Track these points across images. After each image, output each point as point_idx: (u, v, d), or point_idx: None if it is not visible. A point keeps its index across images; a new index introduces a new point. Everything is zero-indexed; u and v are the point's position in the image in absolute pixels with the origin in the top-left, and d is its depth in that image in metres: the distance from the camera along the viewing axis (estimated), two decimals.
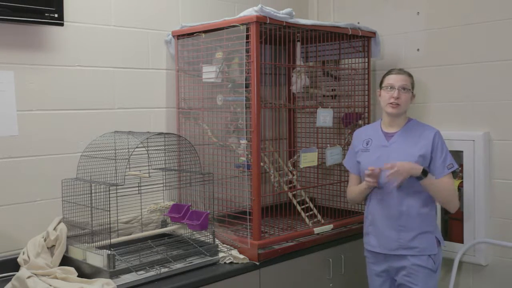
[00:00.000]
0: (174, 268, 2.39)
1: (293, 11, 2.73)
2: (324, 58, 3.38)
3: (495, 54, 3.01)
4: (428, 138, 2.55)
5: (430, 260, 2.55)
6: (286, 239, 2.78)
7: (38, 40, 2.56)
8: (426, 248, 2.55)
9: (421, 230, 2.55)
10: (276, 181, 3.08)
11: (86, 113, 2.74)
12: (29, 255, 2.32)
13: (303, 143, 3.47)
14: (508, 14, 2.96)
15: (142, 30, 2.96)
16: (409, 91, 2.59)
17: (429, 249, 2.55)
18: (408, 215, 2.56)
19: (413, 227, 2.55)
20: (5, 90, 2.45)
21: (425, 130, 2.59)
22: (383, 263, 2.65)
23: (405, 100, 2.58)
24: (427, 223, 2.56)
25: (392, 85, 2.57)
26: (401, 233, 2.56)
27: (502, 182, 3.04)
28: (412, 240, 2.55)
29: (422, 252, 2.54)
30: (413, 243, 2.55)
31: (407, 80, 2.60)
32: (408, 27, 3.38)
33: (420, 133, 2.58)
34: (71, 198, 2.47)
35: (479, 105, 3.09)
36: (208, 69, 2.85)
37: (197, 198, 2.76)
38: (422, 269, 2.54)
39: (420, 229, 2.55)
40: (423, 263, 2.54)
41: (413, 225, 2.55)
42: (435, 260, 2.57)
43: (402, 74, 2.61)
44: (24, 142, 2.52)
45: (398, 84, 2.57)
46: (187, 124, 3.07)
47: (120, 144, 2.51)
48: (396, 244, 2.58)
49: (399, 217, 2.57)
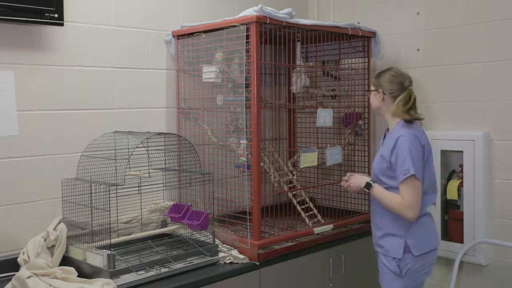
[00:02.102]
0: (174, 268, 2.39)
1: (293, 11, 2.73)
2: (324, 58, 3.38)
3: (495, 54, 3.01)
4: (393, 139, 2.53)
5: (393, 263, 2.55)
6: (286, 239, 2.78)
7: (38, 40, 2.56)
8: (389, 250, 2.56)
9: (388, 232, 2.58)
10: (276, 181, 3.08)
11: (86, 113, 2.74)
12: (29, 255, 2.32)
13: (303, 143, 3.47)
14: (508, 14, 2.96)
15: (142, 30, 2.96)
16: (372, 91, 2.69)
17: (393, 252, 2.54)
18: (380, 214, 2.63)
19: (382, 226, 2.61)
20: (5, 90, 2.45)
21: (397, 132, 2.54)
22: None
23: (371, 100, 2.71)
24: (396, 226, 2.54)
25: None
26: (375, 231, 2.68)
27: (502, 182, 3.04)
28: (380, 239, 2.62)
29: (387, 253, 2.58)
30: (381, 242, 2.62)
31: (371, 81, 2.73)
32: (408, 27, 3.38)
33: (393, 135, 2.56)
34: (71, 198, 2.47)
35: (479, 105, 3.09)
36: (208, 69, 2.85)
37: (197, 198, 2.76)
38: (387, 270, 2.58)
39: (387, 231, 2.58)
40: (388, 265, 2.58)
41: (381, 225, 2.61)
42: (400, 266, 2.53)
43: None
44: (24, 142, 2.52)
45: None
46: (187, 124, 3.07)
47: (120, 144, 2.51)
48: (374, 239, 2.70)
49: (373, 215, 2.70)
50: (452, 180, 3.25)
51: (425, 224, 2.57)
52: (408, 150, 2.46)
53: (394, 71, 2.65)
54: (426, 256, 2.55)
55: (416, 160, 2.46)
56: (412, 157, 2.45)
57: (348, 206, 3.28)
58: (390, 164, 2.52)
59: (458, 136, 3.12)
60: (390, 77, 2.61)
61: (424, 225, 2.56)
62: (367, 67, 3.27)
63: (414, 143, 2.48)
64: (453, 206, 3.24)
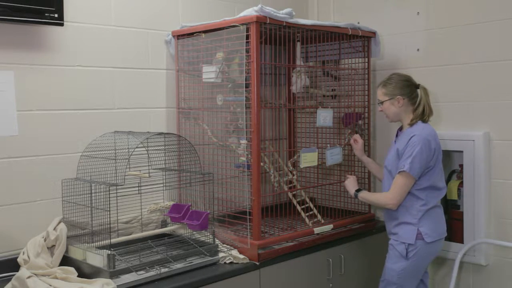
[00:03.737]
0: (174, 268, 2.39)
1: (293, 11, 2.73)
2: (324, 58, 3.38)
3: (495, 54, 3.01)
4: (408, 136, 2.71)
5: (402, 246, 2.72)
6: (286, 239, 2.78)
7: (38, 40, 2.56)
8: (402, 236, 2.73)
9: (403, 220, 2.74)
10: (276, 181, 3.08)
11: (86, 113, 2.74)
12: (29, 255, 2.32)
13: (303, 143, 3.47)
14: (508, 14, 2.96)
15: (142, 30, 2.96)
16: (386, 101, 2.78)
17: (406, 238, 2.72)
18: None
19: (397, 216, 2.76)
20: (5, 90, 2.45)
21: (414, 131, 2.72)
22: None
23: (387, 109, 2.80)
24: (409, 215, 2.72)
25: (378, 100, 2.85)
26: (389, 221, 2.83)
27: (502, 182, 3.04)
28: (395, 227, 2.79)
29: (398, 239, 2.75)
30: (395, 230, 2.78)
31: (380, 92, 2.81)
32: (408, 27, 3.38)
33: (409, 133, 2.74)
34: (71, 198, 2.47)
35: (479, 105, 3.09)
36: (208, 69, 2.85)
37: (197, 198, 2.76)
38: (395, 250, 2.76)
39: (403, 219, 2.74)
40: (396, 247, 2.75)
41: (395, 215, 2.77)
42: (408, 249, 2.70)
43: (378, 89, 2.84)
44: (24, 142, 2.52)
45: (378, 99, 2.84)
46: (187, 124, 3.07)
47: (120, 144, 2.51)
48: (388, 228, 2.87)
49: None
50: (452, 180, 3.26)
51: (437, 215, 2.77)
52: (416, 151, 2.64)
53: (398, 75, 2.82)
54: (435, 244, 2.74)
55: (418, 162, 2.64)
56: (414, 158, 2.64)
57: (348, 206, 3.28)
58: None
59: (458, 136, 3.12)
60: (401, 82, 2.77)
61: (436, 215, 2.76)
62: (367, 67, 3.27)
63: (424, 147, 2.66)
64: (453, 206, 3.25)
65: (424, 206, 2.70)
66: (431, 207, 2.72)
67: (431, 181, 2.71)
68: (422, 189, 2.70)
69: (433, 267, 3.30)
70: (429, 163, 2.68)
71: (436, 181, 2.74)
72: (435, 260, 3.22)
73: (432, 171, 2.70)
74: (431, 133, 2.71)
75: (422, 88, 2.78)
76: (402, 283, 2.72)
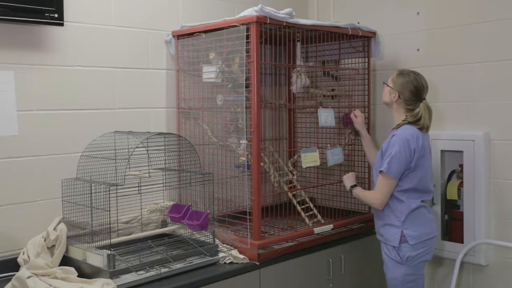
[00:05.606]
0: (174, 268, 2.39)
1: (293, 11, 2.73)
2: (324, 58, 3.38)
3: (495, 54, 3.01)
4: (390, 136, 2.70)
5: (394, 251, 2.69)
6: (286, 239, 2.78)
7: (38, 40, 2.56)
8: (388, 239, 2.71)
9: (387, 222, 2.72)
10: (276, 181, 3.08)
11: (86, 113, 2.74)
12: (29, 255, 2.32)
13: (303, 143, 3.47)
14: (508, 14, 2.96)
15: (142, 30, 2.96)
16: (387, 87, 2.76)
17: (391, 241, 2.69)
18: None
19: (382, 217, 2.75)
20: (5, 90, 2.45)
21: (396, 131, 2.69)
22: None
23: (384, 92, 2.80)
24: (394, 217, 2.69)
25: (385, 80, 2.84)
26: (376, 220, 2.82)
27: (502, 182, 3.04)
28: (380, 228, 2.78)
29: (386, 242, 2.73)
30: (381, 231, 2.77)
31: (392, 77, 2.77)
32: (408, 27, 3.38)
33: (392, 133, 2.71)
34: (71, 198, 2.47)
35: (479, 105, 3.09)
36: (208, 69, 2.85)
37: (197, 198, 2.76)
38: (389, 258, 2.72)
39: (387, 221, 2.72)
40: (389, 253, 2.72)
41: (381, 215, 2.76)
42: (400, 254, 2.67)
43: (394, 73, 2.79)
44: (24, 142, 2.52)
45: (386, 80, 2.83)
46: (187, 124, 3.07)
47: (120, 144, 2.51)
48: (376, 228, 2.85)
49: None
50: (452, 180, 3.25)
51: (420, 215, 2.69)
52: (394, 151, 2.61)
53: (416, 79, 2.70)
54: (423, 244, 2.67)
55: (396, 162, 2.60)
56: (392, 158, 2.61)
57: (348, 206, 3.27)
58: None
59: (458, 136, 3.12)
60: (409, 84, 2.70)
61: (420, 215, 2.69)
62: (367, 67, 3.27)
63: (403, 147, 2.60)
64: (453, 206, 3.24)
65: (407, 208, 2.65)
66: (414, 208, 2.65)
67: (413, 183, 2.64)
68: (403, 191, 2.65)
69: (433, 267, 3.30)
70: (409, 164, 2.61)
71: (420, 184, 2.66)
72: (435, 260, 3.23)
73: (414, 173, 2.63)
74: (411, 133, 2.62)
75: (424, 104, 2.68)
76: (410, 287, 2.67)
